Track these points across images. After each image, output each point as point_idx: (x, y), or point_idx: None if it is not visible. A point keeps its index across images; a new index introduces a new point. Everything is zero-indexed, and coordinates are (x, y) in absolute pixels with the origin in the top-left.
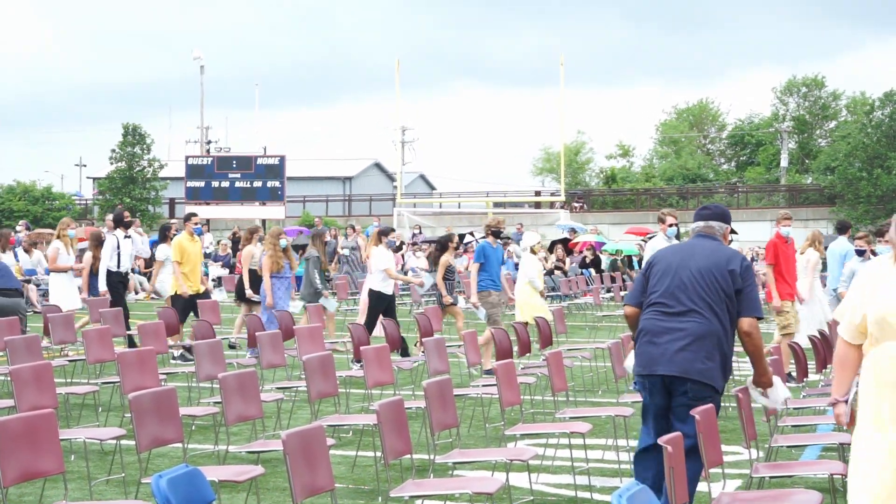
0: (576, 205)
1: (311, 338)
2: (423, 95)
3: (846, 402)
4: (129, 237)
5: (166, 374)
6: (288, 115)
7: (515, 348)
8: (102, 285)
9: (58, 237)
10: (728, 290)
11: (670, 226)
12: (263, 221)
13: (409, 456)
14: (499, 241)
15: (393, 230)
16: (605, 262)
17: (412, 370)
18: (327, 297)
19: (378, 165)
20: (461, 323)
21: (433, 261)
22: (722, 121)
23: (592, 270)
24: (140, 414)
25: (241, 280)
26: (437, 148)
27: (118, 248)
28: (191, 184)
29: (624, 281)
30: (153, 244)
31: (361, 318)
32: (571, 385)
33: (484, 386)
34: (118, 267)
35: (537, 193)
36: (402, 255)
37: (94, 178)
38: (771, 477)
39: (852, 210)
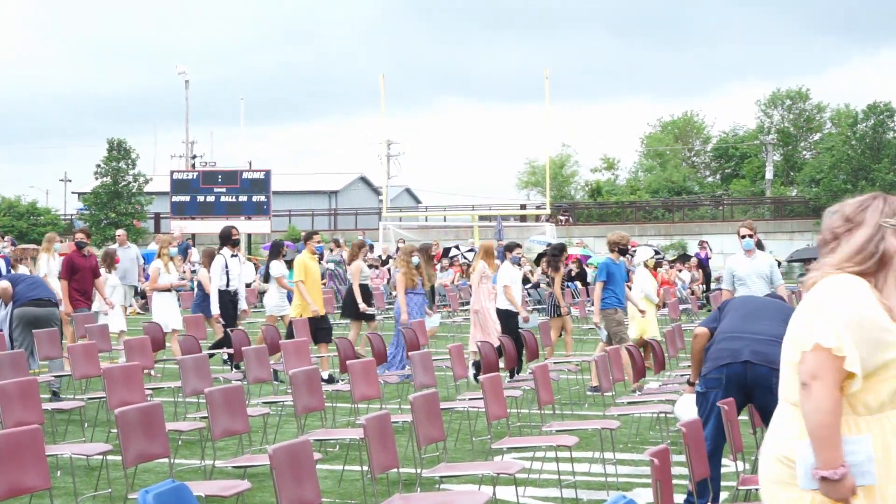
0: (561, 218)
1: (296, 352)
2: (408, 109)
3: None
4: (236, 256)
5: (152, 389)
6: (273, 130)
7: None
8: (215, 308)
9: (159, 256)
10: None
11: (743, 237)
12: (249, 236)
13: (395, 470)
14: (622, 257)
15: (518, 245)
16: (590, 275)
17: (398, 384)
18: (430, 315)
19: (364, 179)
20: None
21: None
22: (707, 133)
23: (578, 283)
24: (126, 429)
25: (350, 295)
26: (423, 162)
27: (227, 267)
28: (176, 198)
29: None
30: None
31: (483, 337)
32: (558, 398)
33: (470, 399)
34: (227, 286)
35: (523, 207)
36: (389, 270)
37: (79, 194)
38: (758, 489)
39: None
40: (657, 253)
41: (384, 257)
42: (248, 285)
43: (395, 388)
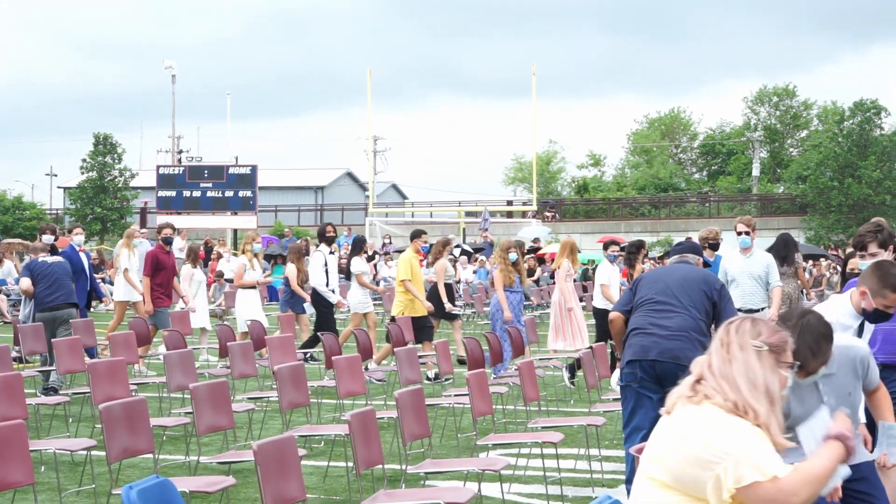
0: (548, 214)
1: (282, 348)
2: (395, 105)
3: None
4: (333, 252)
5: (137, 384)
6: (260, 125)
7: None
8: (334, 297)
9: (242, 252)
10: (710, 295)
11: (740, 234)
12: (235, 231)
13: (380, 466)
14: (716, 253)
15: (615, 243)
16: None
17: (384, 380)
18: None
19: (350, 175)
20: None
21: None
22: (693, 130)
23: None
24: (111, 424)
25: (435, 294)
26: (410, 158)
27: (326, 264)
28: (162, 193)
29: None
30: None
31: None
32: (543, 395)
33: (456, 396)
34: (327, 284)
35: (509, 203)
36: (375, 266)
37: (65, 188)
38: None
39: (823, 219)
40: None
41: (370, 253)
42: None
43: (380, 385)
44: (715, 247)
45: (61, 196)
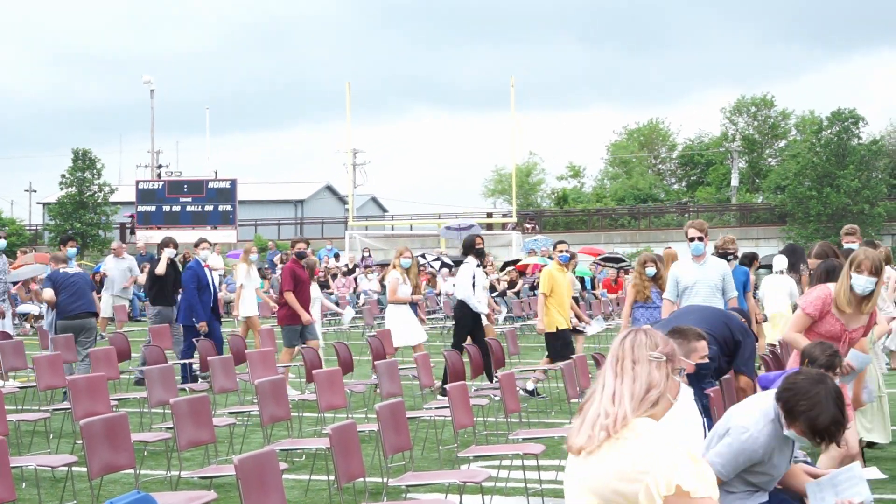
0: (528, 226)
1: (262, 362)
2: (375, 118)
3: None
4: (481, 265)
5: (118, 399)
6: (239, 139)
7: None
8: (483, 307)
9: (393, 267)
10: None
11: (692, 240)
12: (214, 245)
13: (362, 479)
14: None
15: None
16: None
17: (365, 393)
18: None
19: (330, 188)
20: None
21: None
22: (672, 141)
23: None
24: (92, 440)
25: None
26: (389, 170)
27: (474, 277)
28: (142, 208)
29: (577, 302)
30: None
31: None
32: (524, 406)
33: (437, 408)
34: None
35: (489, 215)
36: (355, 279)
37: (45, 204)
38: None
39: (802, 229)
40: (623, 260)
41: (350, 266)
42: (215, 294)
43: (361, 397)
44: (724, 255)
45: (41, 212)
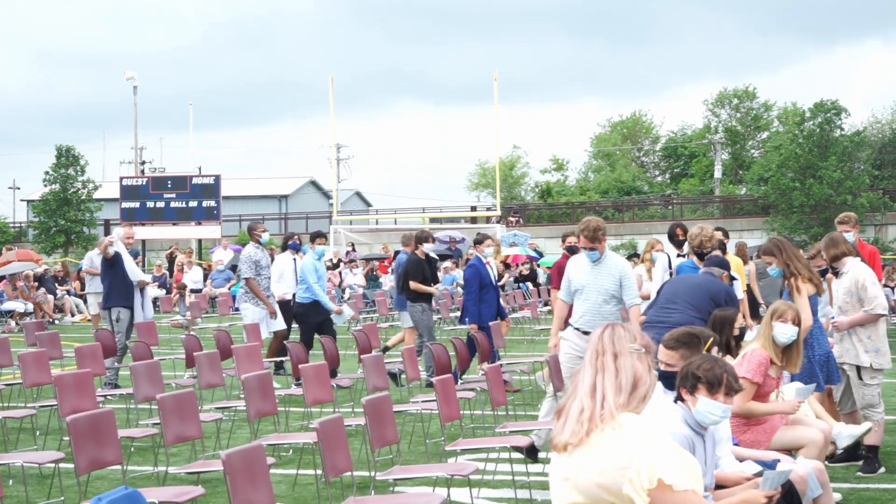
0: (511, 219)
1: (248, 357)
2: (358, 112)
3: None
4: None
5: (104, 396)
6: (223, 135)
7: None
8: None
9: (641, 261)
10: (717, 302)
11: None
12: (199, 241)
13: (349, 473)
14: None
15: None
16: (541, 275)
17: (351, 387)
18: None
19: (314, 183)
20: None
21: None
22: (655, 133)
23: (529, 284)
24: (78, 436)
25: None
26: (373, 165)
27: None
28: (126, 205)
29: None
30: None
31: None
32: (511, 399)
33: (423, 402)
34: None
35: (473, 209)
36: (340, 273)
37: (29, 201)
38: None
39: (786, 220)
40: None
41: (335, 261)
42: (198, 291)
43: (347, 392)
44: (700, 255)
45: (25, 209)
